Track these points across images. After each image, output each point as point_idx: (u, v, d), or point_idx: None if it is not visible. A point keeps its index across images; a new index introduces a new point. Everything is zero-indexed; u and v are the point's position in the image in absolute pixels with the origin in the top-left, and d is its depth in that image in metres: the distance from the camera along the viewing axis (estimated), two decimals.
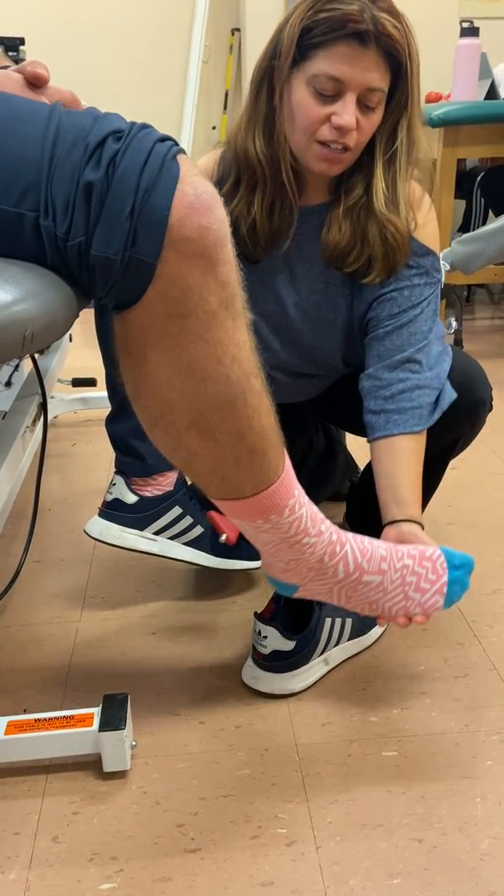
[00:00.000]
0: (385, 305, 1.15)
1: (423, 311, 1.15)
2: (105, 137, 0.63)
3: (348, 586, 0.97)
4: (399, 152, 1.08)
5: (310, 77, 1.01)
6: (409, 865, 0.85)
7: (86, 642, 1.23)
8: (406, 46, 1.00)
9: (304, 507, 0.90)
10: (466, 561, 1.01)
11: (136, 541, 1.25)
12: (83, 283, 0.66)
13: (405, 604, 0.99)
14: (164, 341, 0.71)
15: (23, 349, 0.58)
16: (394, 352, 1.14)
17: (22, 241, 0.64)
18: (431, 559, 1.00)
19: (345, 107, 1.01)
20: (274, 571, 0.97)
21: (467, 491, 1.71)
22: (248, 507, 0.85)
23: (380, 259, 1.12)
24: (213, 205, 0.67)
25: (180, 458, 0.83)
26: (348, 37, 0.97)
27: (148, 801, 0.94)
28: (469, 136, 2.65)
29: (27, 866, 0.86)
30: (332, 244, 1.13)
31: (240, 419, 0.77)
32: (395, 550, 0.99)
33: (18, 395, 1.52)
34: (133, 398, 0.79)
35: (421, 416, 1.13)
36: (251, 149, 1.09)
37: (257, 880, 0.84)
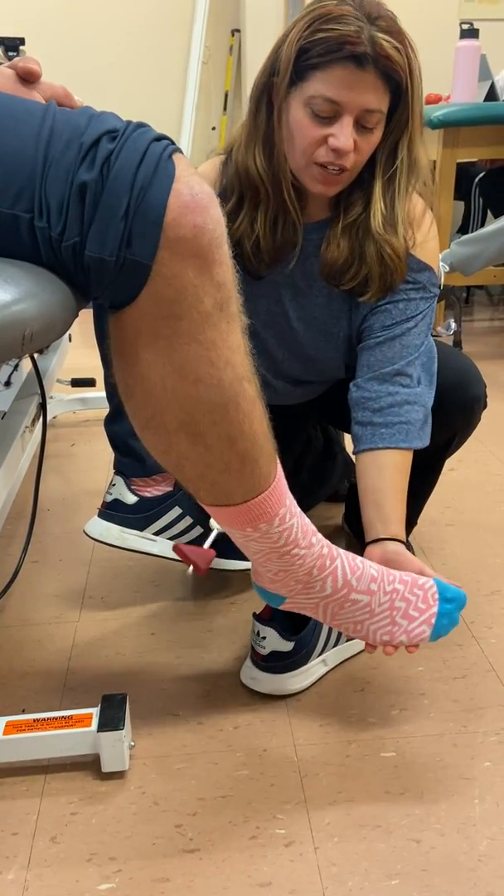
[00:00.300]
0: (379, 317, 1.15)
1: (418, 324, 1.14)
2: (100, 137, 0.63)
3: (335, 603, 0.95)
4: (399, 171, 1.08)
5: (307, 98, 1.00)
6: (407, 866, 0.85)
7: (84, 643, 1.23)
8: (406, 66, 0.99)
9: (296, 517, 0.89)
10: (458, 595, 0.99)
11: (135, 541, 1.25)
12: (79, 283, 0.66)
13: (391, 629, 0.97)
14: (157, 342, 0.70)
15: (22, 349, 0.58)
16: (384, 363, 1.14)
17: (18, 243, 0.63)
18: (423, 588, 0.98)
19: (342, 129, 1.00)
20: (262, 580, 0.96)
21: (466, 492, 1.71)
22: (237, 515, 0.84)
23: (376, 278, 1.12)
24: (209, 204, 0.67)
25: (170, 462, 0.82)
26: (345, 59, 0.96)
27: (146, 801, 0.94)
28: (469, 137, 2.66)
29: (25, 866, 0.86)
30: (330, 261, 1.13)
31: (231, 424, 0.77)
32: (387, 573, 0.98)
33: (18, 396, 1.52)
34: (125, 399, 0.78)
35: (409, 431, 1.12)
36: (252, 166, 1.08)
37: (255, 881, 0.84)
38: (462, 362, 1.21)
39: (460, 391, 1.18)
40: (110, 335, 0.74)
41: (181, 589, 1.37)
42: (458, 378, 1.18)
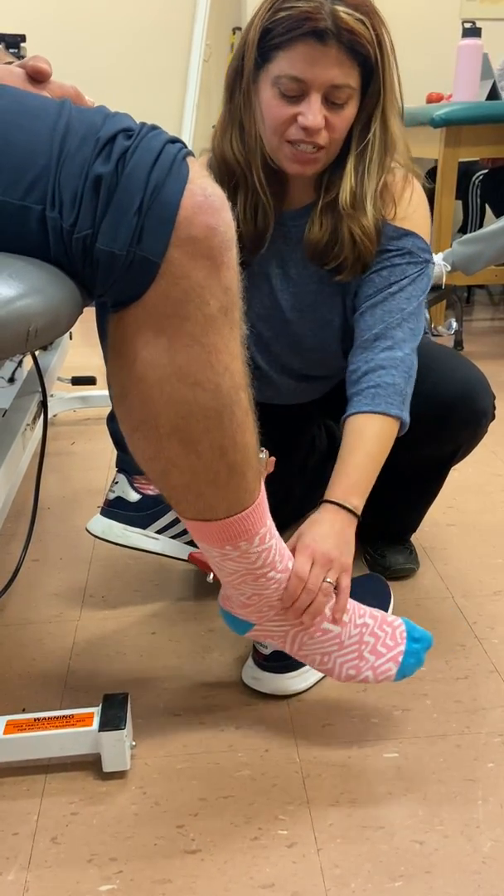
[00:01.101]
0: (364, 289, 1.13)
1: (403, 289, 1.11)
2: (115, 134, 0.63)
3: (305, 632, 0.95)
4: (371, 145, 1.06)
5: (273, 78, 1.00)
6: (410, 868, 0.84)
7: (85, 641, 1.23)
8: (373, 38, 0.98)
9: (275, 539, 0.88)
10: (426, 637, 0.99)
11: (138, 539, 1.24)
12: (85, 277, 0.66)
13: (358, 663, 0.96)
14: (158, 342, 0.69)
15: (27, 344, 0.58)
16: (365, 331, 1.11)
17: (26, 236, 0.63)
18: (392, 625, 0.98)
19: (310, 107, 1.00)
20: (232, 605, 0.94)
21: (468, 493, 1.71)
22: (219, 531, 0.83)
23: (350, 257, 1.10)
24: (221, 207, 0.67)
25: (157, 468, 0.80)
26: (306, 35, 0.96)
27: (148, 801, 0.93)
28: (470, 136, 2.65)
29: (26, 867, 0.86)
30: (312, 242, 1.12)
31: (224, 432, 0.76)
32: (358, 607, 0.98)
33: (18, 393, 1.51)
34: (118, 400, 0.77)
35: (375, 395, 1.06)
36: (228, 151, 1.09)
37: (258, 882, 0.83)
38: (470, 374, 1.19)
39: (468, 404, 1.17)
40: (109, 335, 0.73)
41: (182, 588, 1.37)
42: (466, 391, 1.17)
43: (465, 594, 1.33)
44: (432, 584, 1.37)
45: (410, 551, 1.40)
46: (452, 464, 1.28)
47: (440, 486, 1.33)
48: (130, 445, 0.80)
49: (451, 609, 1.29)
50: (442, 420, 1.17)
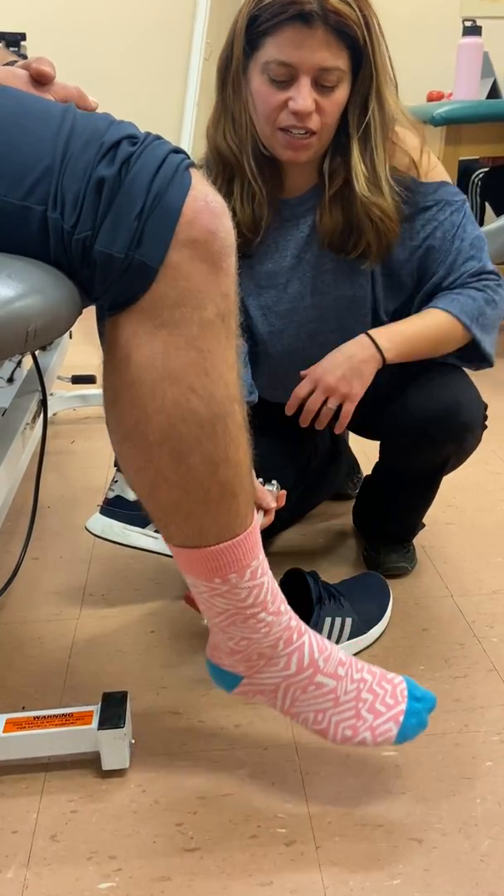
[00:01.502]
0: (429, 255, 1.16)
1: (464, 238, 1.15)
2: (120, 140, 0.63)
3: (298, 685, 0.87)
4: (372, 125, 1.07)
5: (262, 65, 1.01)
6: (408, 866, 0.85)
7: (85, 640, 1.23)
8: (360, 20, 0.98)
9: (267, 575, 0.83)
10: (428, 696, 0.91)
11: (138, 538, 1.25)
12: (83, 279, 0.66)
13: (355, 723, 0.88)
14: (153, 344, 0.68)
15: (26, 345, 0.58)
16: (452, 282, 1.16)
17: (26, 236, 0.63)
18: (392, 682, 0.91)
19: (299, 91, 1.00)
20: (220, 654, 0.89)
21: (467, 491, 1.71)
22: (208, 560, 0.78)
23: (374, 243, 1.12)
24: (222, 213, 0.68)
25: (146, 481, 0.76)
26: (292, 19, 0.96)
27: (147, 799, 0.94)
28: (471, 135, 2.65)
29: (25, 865, 0.86)
30: (327, 233, 1.13)
31: (216, 445, 0.73)
32: (355, 661, 0.91)
33: (18, 392, 1.51)
34: (109, 405, 0.75)
35: (454, 300, 1.13)
36: (222, 142, 1.10)
37: (256, 880, 0.84)
38: (458, 388, 1.18)
39: (447, 421, 1.16)
40: (105, 338, 0.72)
41: (182, 586, 1.37)
42: (444, 408, 1.16)
43: (463, 593, 1.34)
44: (431, 582, 1.37)
45: (407, 550, 1.40)
46: (444, 473, 1.28)
47: (434, 491, 1.33)
48: (119, 456, 0.77)
49: (449, 608, 1.30)
50: (425, 436, 1.17)
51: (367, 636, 1.19)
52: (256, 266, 1.20)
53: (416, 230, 1.15)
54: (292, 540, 1.51)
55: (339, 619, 1.15)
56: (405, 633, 1.23)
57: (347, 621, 1.16)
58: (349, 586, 1.24)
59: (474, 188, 3.26)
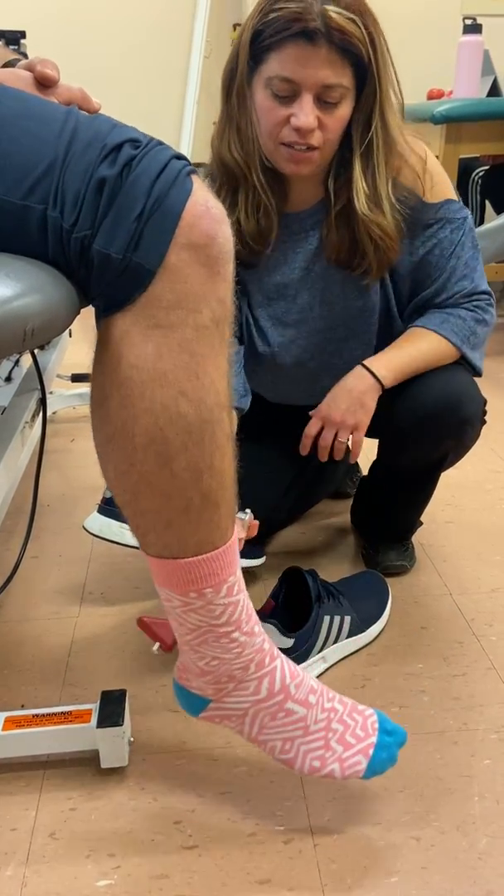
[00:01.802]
0: (423, 270, 1.18)
1: (460, 257, 1.17)
2: (122, 143, 0.63)
3: (268, 711, 0.85)
4: (375, 143, 1.07)
5: (265, 80, 1.01)
6: (406, 864, 0.85)
7: (84, 638, 1.23)
8: (364, 37, 0.98)
9: (243, 594, 0.81)
10: (399, 731, 0.89)
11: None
12: (80, 278, 0.66)
13: (323, 753, 0.86)
14: (145, 345, 0.68)
15: (23, 344, 0.58)
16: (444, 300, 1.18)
17: (25, 236, 0.63)
18: (363, 714, 0.89)
19: (301, 108, 1.00)
20: (188, 676, 0.87)
21: (466, 489, 1.71)
22: (185, 572, 0.77)
23: (374, 261, 1.13)
24: (222, 219, 0.68)
25: (128, 486, 0.74)
26: (296, 36, 0.96)
27: (145, 797, 0.94)
28: (471, 133, 2.65)
29: (24, 862, 0.86)
30: (334, 249, 1.14)
31: (202, 452, 0.72)
32: (326, 690, 0.88)
33: (17, 391, 1.51)
34: (96, 405, 0.73)
35: (445, 321, 1.15)
36: (226, 154, 1.10)
37: (255, 878, 0.84)
38: (455, 382, 1.19)
39: (448, 415, 1.17)
40: (98, 337, 0.71)
41: None
42: (449, 400, 1.17)
43: (462, 591, 1.34)
44: (430, 580, 1.37)
45: (406, 548, 1.40)
46: (442, 469, 1.28)
47: (432, 488, 1.33)
48: (103, 460, 0.76)
49: (448, 606, 1.30)
50: (425, 429, 1.17)
51: (365, 634, 1.19)
52: (265, 278, 1.20)
53: (417, 247, 1.16)
54: (291, 538, 1.51)
55: (338, 618, 1.15)
56: (404, 632, 1.23)
57: (346, 619, 1.16)
58: (348, 584, 1.24)
59: (474, 186, 3.25)
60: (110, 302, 0.67)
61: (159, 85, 4.04)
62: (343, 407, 1.16)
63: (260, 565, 1.35)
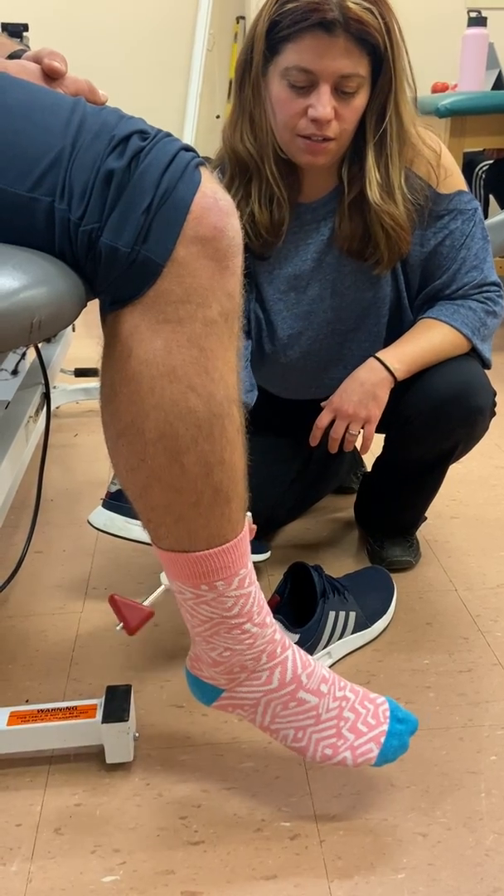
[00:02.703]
0: (433, 260, 1.17)
1: (470, 248, 1.17)
2: (130, 134, 0.63)
3: (279, 700, 0.85)
4: (389, 134, 1.07)
5: (282, 71, 1.01)
6: (413, 860, 0.85)
7: (88, 633, 1.23)
8: (381, 27, 0.98)
9: (254, 587, 0.81)
10: (410, 719, 0.89)
11: (139, 532, 1.24)
12: (87, 271, 0.65)
13: (335, 742, 0.86)
14: (154, 340, 0.67)
15: (30, 336, 0.58)
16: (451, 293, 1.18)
17: (32, 228, 0.63)
18: (374, 702, 0.89)
19: (319, 99, 1.00)
20: (200, 665, 0.87)
21: (471, 485, 1.71)
22: (196, 565, 0.77)
23: (384, 250, 1.12)
24: (230, 212, 0.67)
25: (138, 481, 0.74)
26: (314, 27, 0.96)
27: (151, 792, 0.94)
28: (476, 126, 2.64)
29: (29, 858, 0.86)
30: (346, 239, 1.14)
31: (213, 446, 0.72)
32: (338, 679, 0.89)
33: (21, 385, 1.51)
34: (106, 400, 0.73)
35: (455, 312, 1.15)
36: (239, 145, 1.09)
37: (260, 874, 0.84)
38: (468, 372, 1.18)
39: (463, 402, 1.16)
40: (105, 332, 0.71)
41: None
42: (462, 388, 1.16)
43: (468, 587, 1.33)
44: (435, 576, 1.37)
45: (411, 544, 1.39)
46: (452, 461, 1.27)
47: (440, 481, 1.33)
48: (113, 455, 0.76)
49: (454, 602, 1.29)
50: (437, 418, 1.17)
51: (370, 630, 1.19)
52: (277, 269, 1.20)
53: (428, 238, 1.16)
54: (296, 534, 1.51)
55: (343, 613, 1.15)
56: (409, 628, 1.23)
57: (351, 615, 1.16)
58: (353, 580, 1.24)
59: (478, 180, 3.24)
60: (118, 296, 0.67)
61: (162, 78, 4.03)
62: (355, 399, 1.16)
63: (265, 560, 1.35)
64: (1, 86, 0.65)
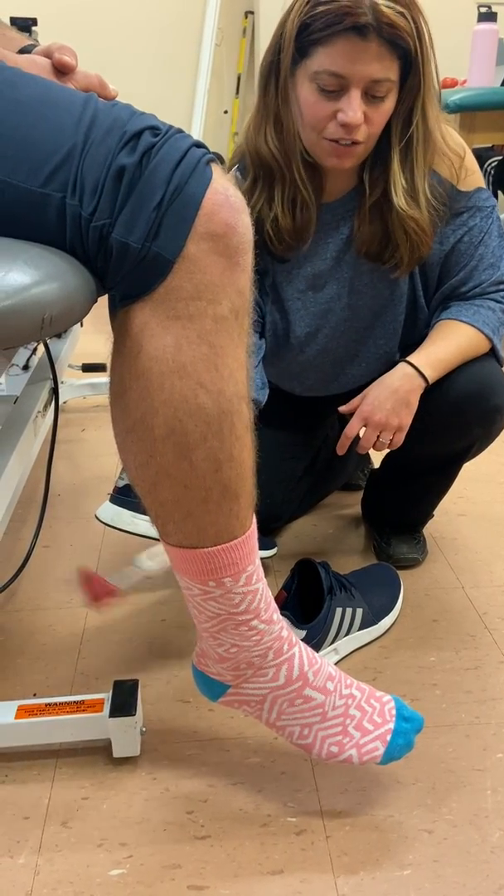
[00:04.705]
0: (452, 258, 1.17)
1: (488, 245, 1.17)
2: (142, 130, 0.63)
3: (286, 697, 0.85)
4: (415, 138, 1.06)
5: (312, 74, 0.99)
6: (419, 856, 0.85)
7: (95, 628, 1.23)
8: (413, 31, 0.97)
9: (262, 583, 0.81)
10: (416, 717, 0.89)
11: (147, 527, 1.24)
12: (98, 267, 0.65)
13: (342, 739, 0.86)
14: (164, 337, 0.67)
15: (41, 332, 0.58)
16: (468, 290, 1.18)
17: (43, 223, 0.63)
18: (380, 700, 0.89)
19: (349, 103, 0.98)
20: (207, 662, 0.87)
21: (479, 482, 1.70)
22: (204, 561, 0.77)
23: (406, 255, 1.12)
24: (241, 209, 0.67)
25: (148, 477, 0.74)
26: (347, 31, 0.94)
27: (157, 787, 0.94)
28: (485, 122, 2.63)
29: (36, 851, 0.86)
30: (365, 242, 1.14)
31: (222, 443, 0.72)
32: (344, 677, 0.89)
33: (30, 381, 1.51)
34: (116, 397, 0.73)
35: (476, 312, 1.15)
36: (263, 147, 1.08)
37: (267, 868, 0.84)
38: (485, 372, 1.18)
39: (481, 400, 1.16)
40: (114, 327, 0.71)
41: None
42: (480, 387, 1.16)
43: (475, 584, 1.33)
44: (442, 573, 1.37)
45: (417, 541, 1.39)
46: (466, 459, 1.27)
47: (452, 480, 1.32)
48: (122, 451, 0.76)
49: (460, 599, 1.29)
50: (454, 416, 1.16)
51: (377, 627, 1.19)
52: (295, 270, 1.20)
53: (447, 235, 1.16)
54: (303, 530, 1.51)
55: (350, 610, 1.15)
56: (416, 625, 1.23)
57: (358, 612, 1.16)
58: (360, 577, 1.24)
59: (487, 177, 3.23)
60: (128, 291, 0.67)
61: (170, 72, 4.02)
62: (388, 407, 1.14)
63: (272, 556, 1.35)
64: (13, 81, 0.65)
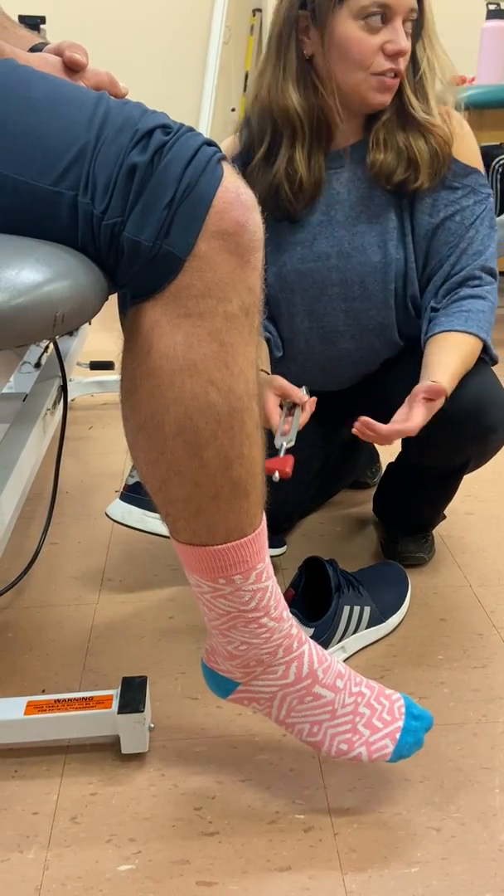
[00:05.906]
0: (441, 235, 1.17)
1: (479, 230, 1.17)
2: (154, 128, 0.63)
3: (295, 694, 0.86)
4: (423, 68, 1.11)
5: (357, 10, 1.04)
6: (426, 854, 0.85)
7: (104, 625, 1.24)
8: None
9: (272, 580, 0.82)
10: (426, 715, 0.89)
11: (156, 524, 1.25)
12: (109, 265, 0.66)
13: (351, 737, 0.86)
14: (175, 335, 0.68)
15: (53, 330, 0.58)
16: (454, 275, 1.17)
17: (55, 222, 0.63)
18: (390, 699, 0.89)
19: (396, 32, 1.05)
20: (216, 659, 0.88)
21: (487, 481, 1.70)
22: (214, 559, 0.77)
23: (426, 163, 1.13)
24: (252, 207, 0.67)
25: (159, 474, 0.74)
26: None
27: (166, 783, 0.94)
28: (493, 120, 2.62)
29: (46, 846, 0.87)
30: (378, 162, 1.14)
31: (232, 441, 0.72)
32: (354, 675, 0.89)
33: (38, 378, 1.52)
34: (126, 394, 0.74)
35: (467, 318, 1.15)
36: (290, 103, 1.11)
37: (275, 865, 0.84)
38: (481, 388, 1.16)
39: (476, 419, 1.14)
40: (125, 325, 0.71)
41: None
42: (475, 406, 1.14)
43: (482, 583, 1.33)
44: (450, 572, 1.37)
45: (425, 540, 1.39)
46: (465, 472, 1.26)
47: (454, 490, 1.32)
48: (133, 448, 0.77)
49: (468, 597, 1.29)
50: (449, 434, 1.15)
51: (385, 625, 1.19)
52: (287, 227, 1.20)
53: (439, 208, 1.16)
54: (311, 528, 1.51)
55: (358, 608, 1.15)
56: (423, 623, 1.23)
57: (366, 610, 1.16)
58: (368, 575, 1.24)
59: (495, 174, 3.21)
60: (139, 289, 0.67)
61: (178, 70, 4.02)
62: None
63: (281, 554, 1.35)
64: (25, 80, 0.65)
